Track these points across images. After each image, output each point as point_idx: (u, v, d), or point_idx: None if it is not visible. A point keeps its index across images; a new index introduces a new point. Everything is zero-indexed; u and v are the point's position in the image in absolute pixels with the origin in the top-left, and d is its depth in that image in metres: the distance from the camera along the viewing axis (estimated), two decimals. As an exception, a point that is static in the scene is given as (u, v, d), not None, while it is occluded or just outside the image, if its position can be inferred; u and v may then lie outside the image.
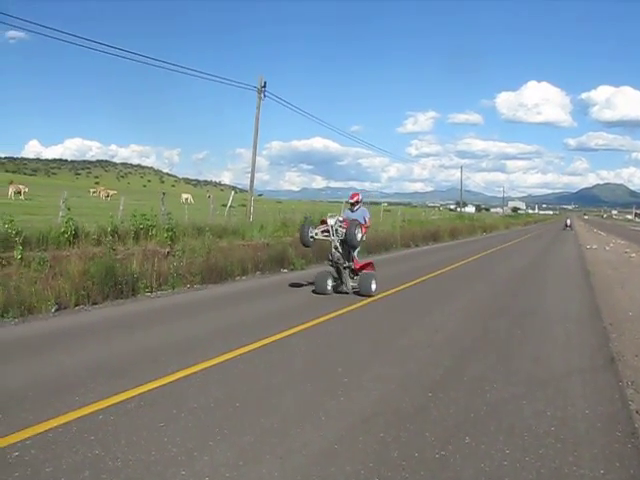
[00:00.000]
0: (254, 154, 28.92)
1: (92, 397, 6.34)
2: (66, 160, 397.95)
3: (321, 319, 11.10)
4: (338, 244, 14.05)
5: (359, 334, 10.11)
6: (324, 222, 14.49)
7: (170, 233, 16.63)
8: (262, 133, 28.14)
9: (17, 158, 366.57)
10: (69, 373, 7.30)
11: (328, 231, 14.27)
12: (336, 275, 14.57)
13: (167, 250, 15.77)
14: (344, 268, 14.27)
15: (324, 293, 14.17)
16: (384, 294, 14.54)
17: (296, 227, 25.26)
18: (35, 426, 5.53)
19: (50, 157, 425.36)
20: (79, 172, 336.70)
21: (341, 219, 14.33)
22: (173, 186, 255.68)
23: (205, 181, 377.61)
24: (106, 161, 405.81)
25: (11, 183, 48.05)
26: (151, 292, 13.78)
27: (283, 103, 31.22)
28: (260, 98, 28.58)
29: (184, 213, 22.05)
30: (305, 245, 15.10)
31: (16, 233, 12.99)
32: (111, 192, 60.34)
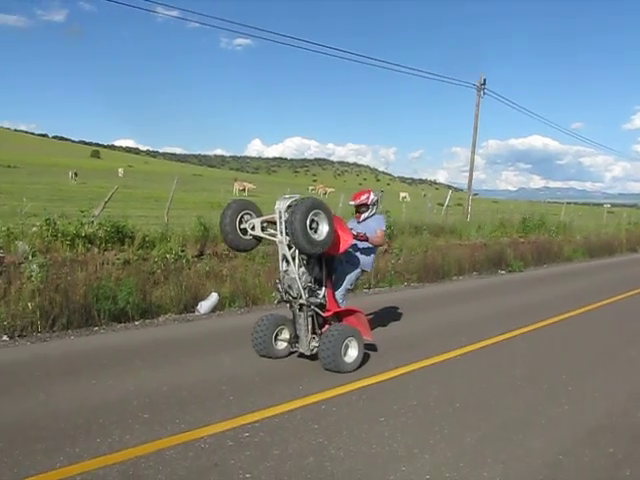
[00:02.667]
0: (473, 152, 28.50)
1: (315, 387, 6.57)
2: (286, 158, 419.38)
3: (544, 322, 10.74)
4: (288, 252, 7.25)
5: (583, 340, 9.64)
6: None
7: (388, 231, 16.74)
8: (479, 131, 27.50)
9: (240, 157, 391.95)
10: (291, 362, 7.64)
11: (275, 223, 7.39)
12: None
13: (385, 247, 15.90)
14: (299, 308, 7.44)
15: (269, 355, 7.70)
16: (617, 297, 13.77)
17: (515, 228, 24.47)
18: (263, 410, 5.83)
19: (271, 156, 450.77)
20: (298, 170, 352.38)
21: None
22: (388, 184, 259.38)
23: (420, 180, 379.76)
24: (324, 159, 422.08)
25: (236, 180, 50.95)
26: (369, 289, 14.05)
27: (503, 101, 30.42)
28: (480, 96, 28.14)
29: (401, 211, 22.15)
30: (232, 246, 7.84)
31: (243, 228, 13.69)
32: (329, 189, 62.08)
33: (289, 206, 7.06)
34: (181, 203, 20.65)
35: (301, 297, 7.29)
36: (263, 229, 7.53)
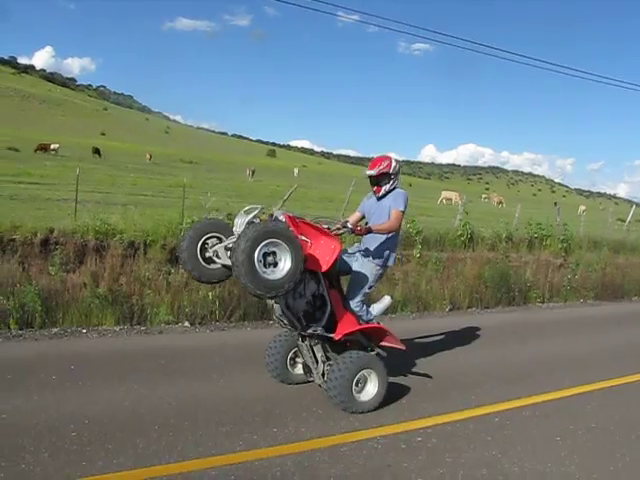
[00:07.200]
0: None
1: (488, 399, 6.48)
2: (459, 165, 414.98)
3: None
4: None
5: None
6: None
7: (565, 244, 16.18)
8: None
9: (413, 162, 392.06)
10: (465, 371, 7.56)
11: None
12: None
13: (560, 262, 15.38)
14: (301, 337, 6.18)
15: (284, 381, 6.55)
16: None
17: None
18: (435, 417, 5.83)
19: (444, 162, 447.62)
20: (470, 177, 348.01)
21: (281, 218, 5.67)
22: (564, 196, 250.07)
23: (598, 193, 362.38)
24: (497, 168, 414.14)
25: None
26: (542, 302, 13.62)
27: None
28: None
29: (578, 224, 21.28)
30: (194, 278, 6.17)
31: (416, 232, 13.69)
32: (503, 199, 60.72)
33: (249, 221, 5.59)
34: (355, 204, 20.87)
35: (297, 325, 5.85)
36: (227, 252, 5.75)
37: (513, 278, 13.15)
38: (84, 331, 8.23)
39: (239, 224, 5.63)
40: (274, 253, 5.15)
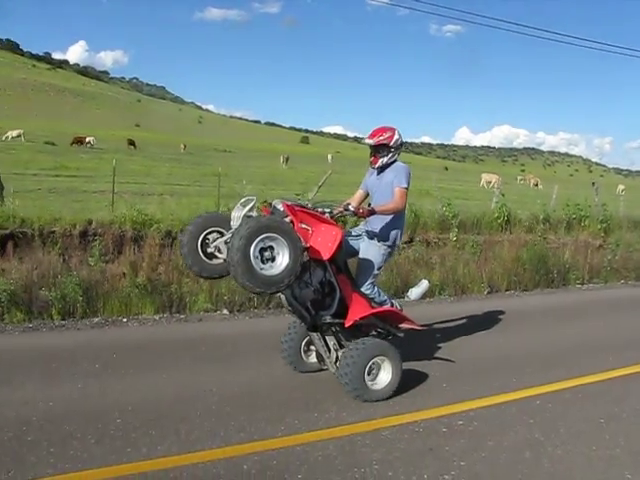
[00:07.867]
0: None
1: (529, 381, 6.42)
2: (494, 147, 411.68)
3: None
4: None
5: None
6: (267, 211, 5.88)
7: (604, 225, 15.95)
8: None
9: (447, 145, 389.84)
10: (505, 354, 7.54)
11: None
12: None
13: (600, 242, 15.16)
14: (312, 327, 5.96)
15: (298, 369, 6.41)
16: None
17: None
18: (476, 400, 5.79)
19: (478, 144, 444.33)
20: (505, 159, 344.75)
21: (279, 207, 5.55)
22: (602, 176, 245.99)
23: (637, 171, 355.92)
24: (533, 149, 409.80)
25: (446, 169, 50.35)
26: (582, 284, 13.41)
27: None
28: None
29: (617, 204, 20.96)
30: (196, 274, 6.00)
31: (452, 216, 13.60)
32: (540, 180, 60.03)
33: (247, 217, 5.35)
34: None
35: (305, 313, 5.71)
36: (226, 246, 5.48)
37: (552, 260, 12.98)
38: (124, 320, 8.34)
39: (236, 218, 5.42)
40: (271, 247, 4.99)
